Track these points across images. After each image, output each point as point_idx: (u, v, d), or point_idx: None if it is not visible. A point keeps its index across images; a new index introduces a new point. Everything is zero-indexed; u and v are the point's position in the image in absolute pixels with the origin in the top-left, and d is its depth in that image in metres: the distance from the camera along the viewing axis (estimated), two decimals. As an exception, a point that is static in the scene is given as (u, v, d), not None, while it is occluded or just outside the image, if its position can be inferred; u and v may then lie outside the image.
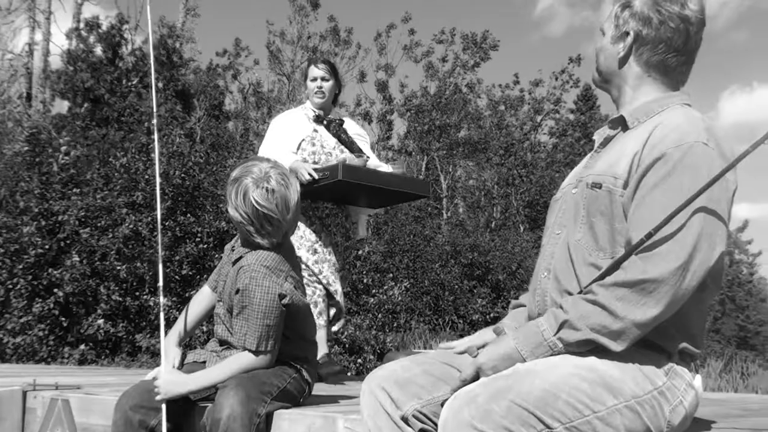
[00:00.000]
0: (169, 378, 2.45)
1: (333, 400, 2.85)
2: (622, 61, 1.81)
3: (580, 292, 1.62)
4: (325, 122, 4.33)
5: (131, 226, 8.19)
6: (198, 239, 8.79)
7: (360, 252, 12.16)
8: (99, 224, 8.30)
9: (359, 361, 9.42)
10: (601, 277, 1.58)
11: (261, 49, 26.26)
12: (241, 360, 2.47)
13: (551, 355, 1.59)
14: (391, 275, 13.66)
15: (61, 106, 16.37)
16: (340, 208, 4.30)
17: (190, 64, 18.54)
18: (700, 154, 1.58)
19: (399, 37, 29.85)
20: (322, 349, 4.10)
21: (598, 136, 1.91)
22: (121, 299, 8.05)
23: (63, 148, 9.05)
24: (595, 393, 1.52)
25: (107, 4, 45.28)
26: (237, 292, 2.48)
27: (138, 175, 8.91)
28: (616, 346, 1.54)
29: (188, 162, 9.44)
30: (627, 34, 1.79)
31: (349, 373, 8.77)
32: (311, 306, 3.89)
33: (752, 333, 41.32)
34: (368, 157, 4.26)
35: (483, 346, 1.69)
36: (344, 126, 4.39)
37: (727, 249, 1.62)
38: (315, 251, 4.11)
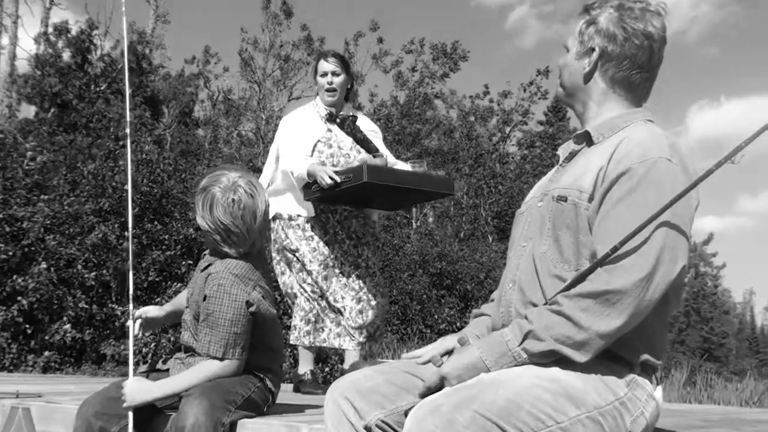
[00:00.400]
0: (136, 386, 2.44)
1: (298, 409, 2.84)
2: (588, 77, 1.84)
3: (545, 303, 1.63)
4: (338, 120, 4.11)
5: (100, 235, 8.09)
6: (165, 246, 8.72)
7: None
8: (66, 231, 8.19)
9: (326, 369, 9.38)
10: (567, 288, 1.60)
11: (231, 56, 26.19)
12: (206, 368, 2.46)
13: (516, 365, 1.60)
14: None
15: (28, 110, 16.16)
16: (358, 210, 4.09)
17: (160, 71, 18.40)
18: (663, 169, 1.61)
19: (368, 46, 29.84)
20: (306, 366, 4.02)
21: (562, 151, 1.94)
22: (87, 307, 7.94)
23: (29, 154, 8.93)
24: (558, 403, 1.53)
25: (77, 9, 44.89)
26: (204, 299, 2.47)
27: (106, 181, 8.83)
28: (580, 357, 1.56)
29: (156, 169, 9.38)
30: (592, 50, 1.81)
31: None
32: (303, 322, 3.90)
33: (716, 345, 41.91)
34: (385, 155, 4.06)
35: (446, 354, 1.70)
36: (357, 123, 4.16)
37: (691, 262, 1.65)
38: (327, 266, 3.92)
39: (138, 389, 2.43)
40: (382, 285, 4.09)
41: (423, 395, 1.63)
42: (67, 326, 7.73)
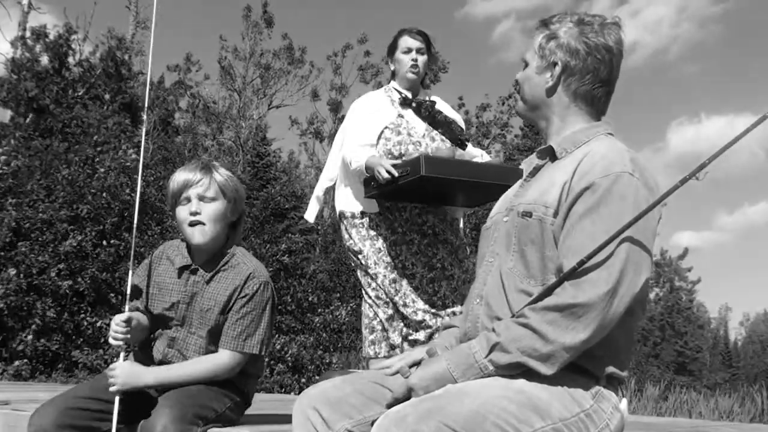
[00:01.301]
0: (129, 369, 2.34)
1: (264, 419, 2.82)
2: (551, 91, 1.86)
3: (512, 317, 1.65)
4: (414, 104, 3.70)
5: (74, 244, 8.00)
6: (142, 257, 8.65)
7: (305, 270, 12.09)
8: (39, 238, 8.10)
9: (303, 380, 9.35)
10: (534, 301, 1.61)
11: (212, 64, 26.11)
12: (221, 361, 2.43)
13: (482, 377, 1.61)
14: (338, 294, 13.61)
15: (3, 114, 16.00)
16: (433, 208, 3.68)
17: (140, 77, 18.32)
18: (626, 183, 1.64)
19: (354, 58, 29.95)
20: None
21: (526, 165, 1.96)
22: (55, 316, 7.83)
23: (2, 158, 8.84)
24: (524, 415, 1.54)
25: (58, 13, 44.58)
26: (245, 297, 2.46)
27: (83, 188, 8.74)
28: (546, 370, 1.57)
29: (135, 177, 9.32)
30: (555, 64, 1.83)
31: (292, 393, 8.70)
32: (367, 331, 3.61)
33: (690, 359, 42.22)
34: (465, 143, 3.67)
35: (415, 365, 1.70)
36: (437, 107, 3.72)
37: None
38: (394, 267, 3.56)
39: (132, 373, 2.33)
40: (462, 291, 3.63)
41: (390, 406, 1.63)
42: (29, 337, 7.60)
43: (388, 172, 3.22)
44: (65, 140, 12.13)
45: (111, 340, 2.32)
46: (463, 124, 3.83)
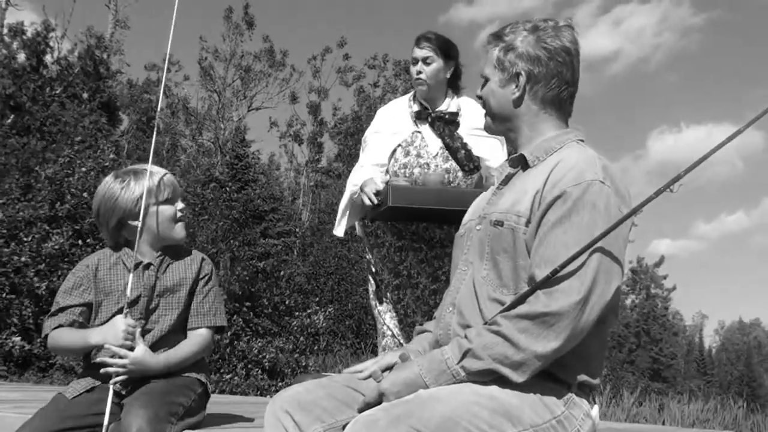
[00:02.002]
0: (141, 356, 2.39)
1: (232, 419, 2.81)
2: (518, 102, 1.87)
3: (485, 324, 1.66)
4: (430, 119, 3.49)
5: (56, 246, 7.92)
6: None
7: (282, 273, 12.05)
8: (17, 237, 8.01)
9: (280, 384, 9.32)
10: (506, 309, 1.62)
11: (192, 64, 26.00)
12: (204, 337, 2.57)
13: (454, 383, 1.62)
14: (316, 298, 13.59)
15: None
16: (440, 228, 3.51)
17: (118, 76, 18.20)
18: (597, 191, 1.65)
19: (333, 61, 29.99)
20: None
21: (497, 173, 1.97)
22: (32, 316, 7.76)
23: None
24: (495, 421, 1.54)
25: (36, 10, 44.19)
26: (206, 278, 2.65)
27: (63, 187, 8.66)
28: (518, 377, 1.58)
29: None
30: (518, 75, 1.84)
31: (267, 396, 8.66)
32: (379, 337, 3.60)
33: (665, 366, 42.56)
34: (471, 170, 3.43)
35: (387, 369, 1.70)
36: (459, 119, 3.48)
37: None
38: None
39: (142, 359, 2.39)
40: None
41: (361, 410, 1.63)
42: (18, 338, 7.53)
43: (371, 199, 3.18)
44: (42, 138, 12.03)
45: (120, 343, 2.38)
46: (485, 137, 3.45)
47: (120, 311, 2.49)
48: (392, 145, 3.48)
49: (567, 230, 1.63)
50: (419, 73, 3.44)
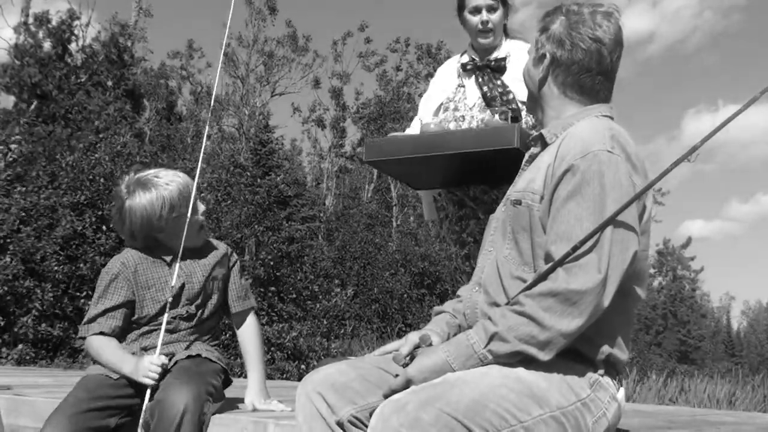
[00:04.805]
0: (257, 394, 2.64)
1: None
2: (542, 83, 1.88)
3: (508, 303, 1.65)
4: (478, 70, 3.26)
5: (68, 226, 8.01)
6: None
7: (306, 258, 12.08)
8: (38, 224, 8.11)
9: (302, 367, 9.38)
10: (528, 288, 1.62)
11: (214, 51, 26.10)
12: (254, 327, 2.77)
13: (481, 366, 1.62)
14: (338, 281, 13.62)
15: (7, 100, 16.00)
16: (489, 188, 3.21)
17: (142, 64, 18.30)
18: (605, 161, 1.64)
19: (355, 45, 29.91)
20: None
21: (527, 155, 1.96)
22: (54, 300, 7.84)
23: (12, 146, 8.85)
24: (522, 403, 1.54)
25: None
26: (235, 265, 2.81)
27: (84, 174, 8.76)
28: (544, 356, 1.58)
29: (133, 163, 9.33)
30: (544, 56, 1.85)
31: (291, 378, 8.73)
32: None
33: (692, 348, 42.32)
34: (513, 115, 2.99)
35: (412, 351, 1.71)
36: (505, 64, 3.22)
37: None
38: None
39: (260, 395, 2.64)
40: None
41: (387, 396, 1.63)
42: (29, 320, 7.61)
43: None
44: (67, 126, 12.14)
45: (143, 379, 2.36)
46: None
47: (164, 306, 2.53)
48: (437, 103, 3.32)
49: (579, 203, 1.62)
50: (485, 23, 3.15)
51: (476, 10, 3.17)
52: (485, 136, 2.70)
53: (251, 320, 2.77)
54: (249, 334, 2.74)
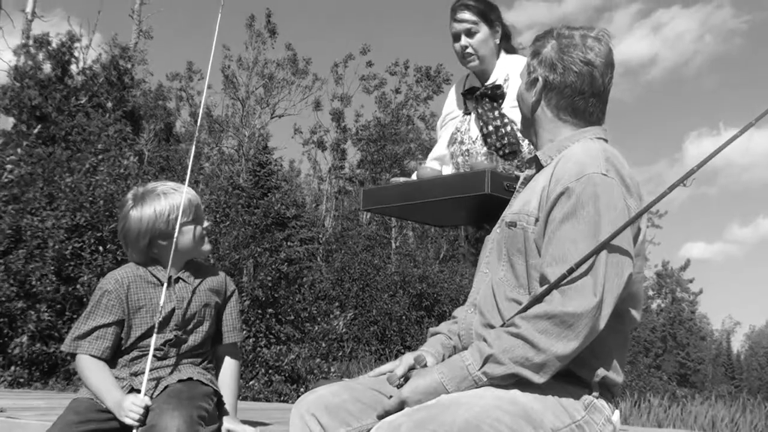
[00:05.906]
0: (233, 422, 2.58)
1: (263, 424, 2.82)
2: (535, 107, 1.90)
3: (503, 325, 1.64)
4: (476, 102, 3.06)
5: (56, 247, 7.99)
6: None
7: (305, 279, 12.05)
8: (32, 245, 8.09)
9: (301, 390, 9.33)
10: (523, 310, 1.62)
11: (214, 73, 26.17)
12: (235, 360, 2.72)
13: (476, 388, 1.61)
14: (337, 304, 13.59)
15: (6, 122, 16.04)
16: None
17: (141, 86, 18.38)
18: (600, 183, 1.65)
19: (356, 68, 30.11)
20: None
21: (522, 177, 1.98)
22: (50, 321, 7.80)
23: (8, 167, 8.86)
24: (517, 425, 1.53)
25: (61, 22, 44.75)
26: (232, 294, 2.75)
27: (83, 195, 8.75)
28: (539, 379, 1.57)
29: (133, 185, 9.34)
30: (537, 80, 1.87)
31: (289, 401, 8.68)
32: None
33: (692, 370, 42.14)
34: (510, 149, 2.93)
35: (410, 369, 1.71)
36: (503, 90, 3.01)
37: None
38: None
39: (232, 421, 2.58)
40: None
41: (381, 417, 1.62)
42: (24, 340, 7.56)
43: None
44: (68, 148, 12.16)
45: (124, 419, 2.29)
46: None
47: (151, 329, 2.47)
48: (448, 135, 3.19)
49: (574, 225, 1.63)
50: (465, 48, 3.02)
51: (456, 38, 3.06)
52: (455, 183, 2.69)
53: (237, 352, 2.76)
54: (233, 366, 2.71)
